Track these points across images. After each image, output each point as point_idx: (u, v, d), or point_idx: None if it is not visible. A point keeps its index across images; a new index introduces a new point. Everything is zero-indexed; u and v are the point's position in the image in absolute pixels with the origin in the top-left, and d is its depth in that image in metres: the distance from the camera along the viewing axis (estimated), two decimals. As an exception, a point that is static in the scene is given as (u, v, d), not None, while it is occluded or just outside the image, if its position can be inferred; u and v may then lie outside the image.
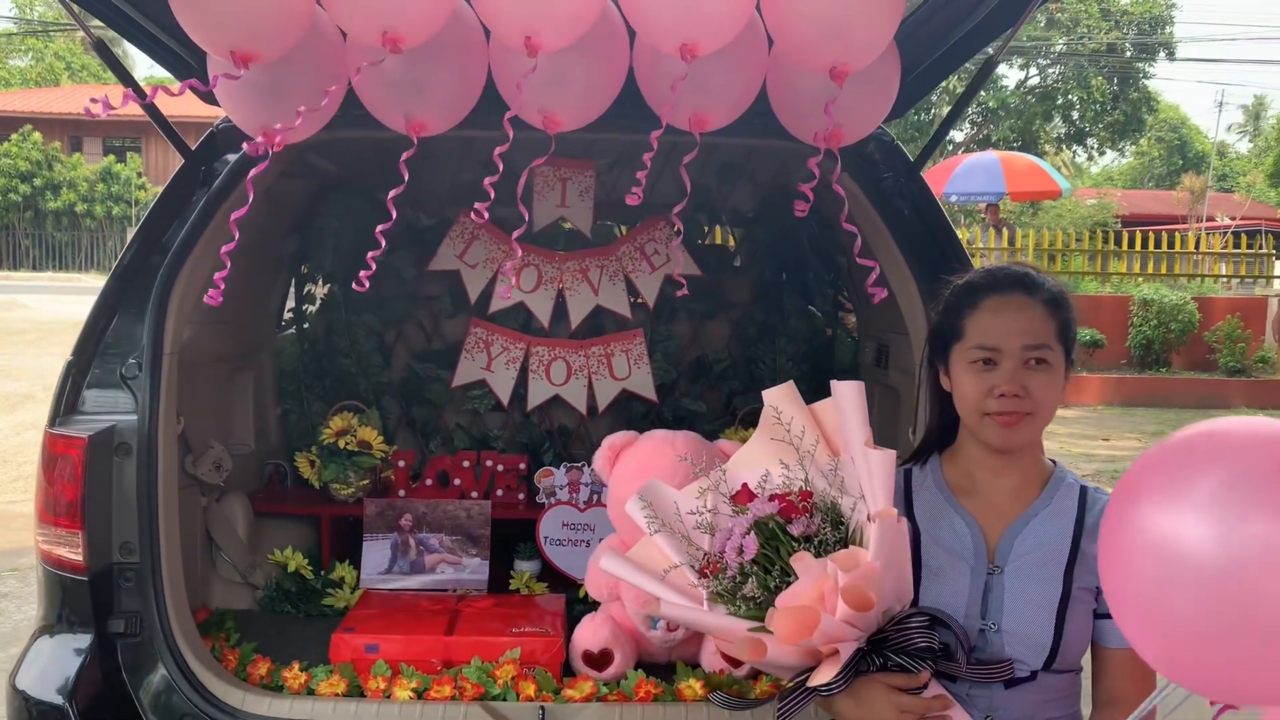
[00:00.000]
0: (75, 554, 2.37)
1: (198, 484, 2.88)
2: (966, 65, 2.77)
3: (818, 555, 1.72)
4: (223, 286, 2.18)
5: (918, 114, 22.31)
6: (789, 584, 1.64)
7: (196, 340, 2.75)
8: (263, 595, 3.09)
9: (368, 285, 2.16)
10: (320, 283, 3.71)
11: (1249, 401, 13.19)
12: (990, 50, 2.48)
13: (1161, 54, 26.07)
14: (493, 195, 2.01)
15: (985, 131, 26.83)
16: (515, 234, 2.13)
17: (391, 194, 2.15)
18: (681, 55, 1.97)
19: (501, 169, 3.58)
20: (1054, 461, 1.85)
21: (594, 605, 2.76)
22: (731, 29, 1.99)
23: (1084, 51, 25.82)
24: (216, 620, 2.80)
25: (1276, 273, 17.34)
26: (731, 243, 3.98)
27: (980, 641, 1.75)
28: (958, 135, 27.40)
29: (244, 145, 2.13)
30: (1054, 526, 1.75)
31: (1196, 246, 16.84)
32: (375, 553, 3.21)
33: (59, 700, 2.32)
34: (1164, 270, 16.12)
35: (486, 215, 2.04)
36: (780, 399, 1.84)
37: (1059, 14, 25.23)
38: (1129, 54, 26.31)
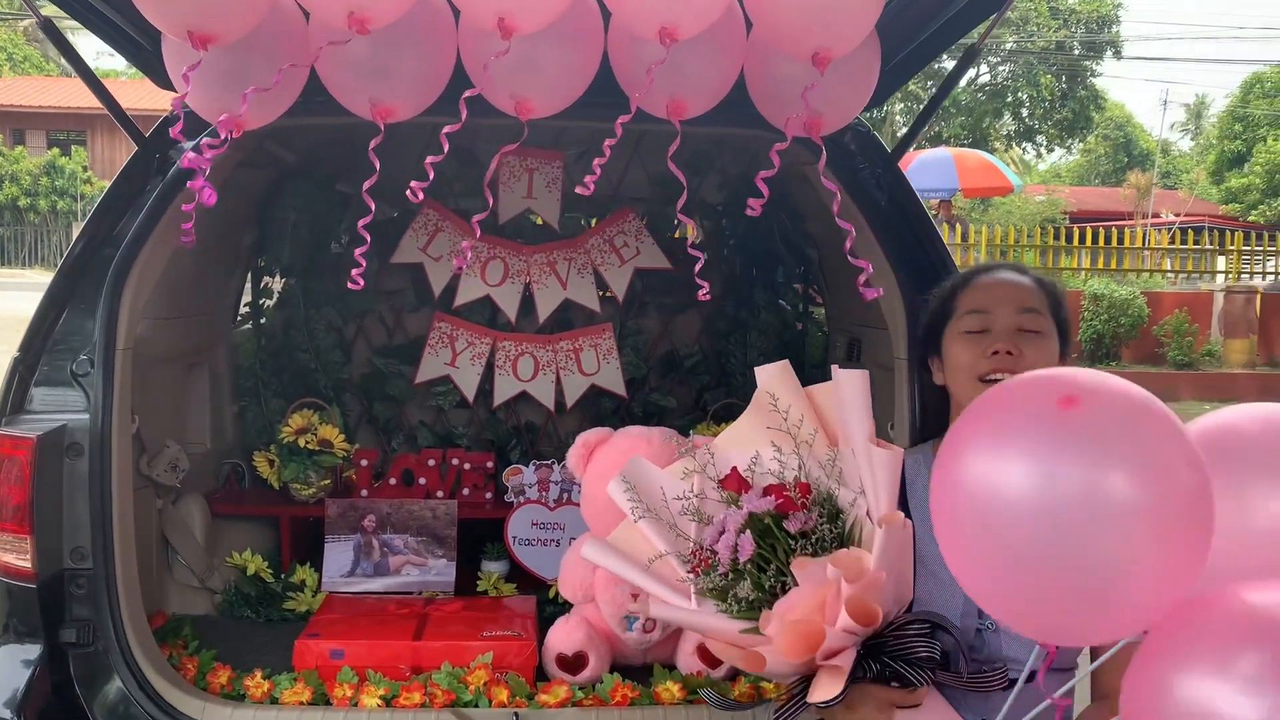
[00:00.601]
0: (23, 560, 2.25)
1: (153, 485, 2.77)
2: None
3: (815, 553, 1.67)
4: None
5: (868, 110, 22.45)
6: (784, 584, 1.59)
7: (150, 335, 2.64)
8: (221, 600, 2.99)
9: (361, 283, 2.06)
10: (278, 276, 3.60)
11: (1197, 394, 13.42)
12: (976, 34, 2.44)
13: (1109, 52, 26.48)
14: (431, 175, 1.93)
15: (937, 128, 27.09)
16: (477, 218, 2.05)
17: (366, 185, 2.06)
18: (660, 39, 1.91)
19: (466, 156, 3.52)
20: None
21: (565, 606, 2.69)
22: (713, 11, 1.93)
23: (1033, 49, 26.15)
24: (173, 627, 2.69)
25: (1220, 268, 17.67)
26: (698, 235, 3.92)
27: (978, 641, 1.72)
28: (911, 132, 27.55)
29: (185, 150, 2.01)
30: None
31: (1144, 242, 17.11)
32: (337, 555, 3.12)
33: (8, 714, 2.21)
34: (1112, 265, 16.37)
35: (421, 195, 1.96)
36: (775, 380, 1.78)
37: (1009, 11, 25.53)
38: (1077, 52, 26.69)
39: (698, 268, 2.12)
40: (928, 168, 15.36)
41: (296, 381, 3.52)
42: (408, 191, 2.11)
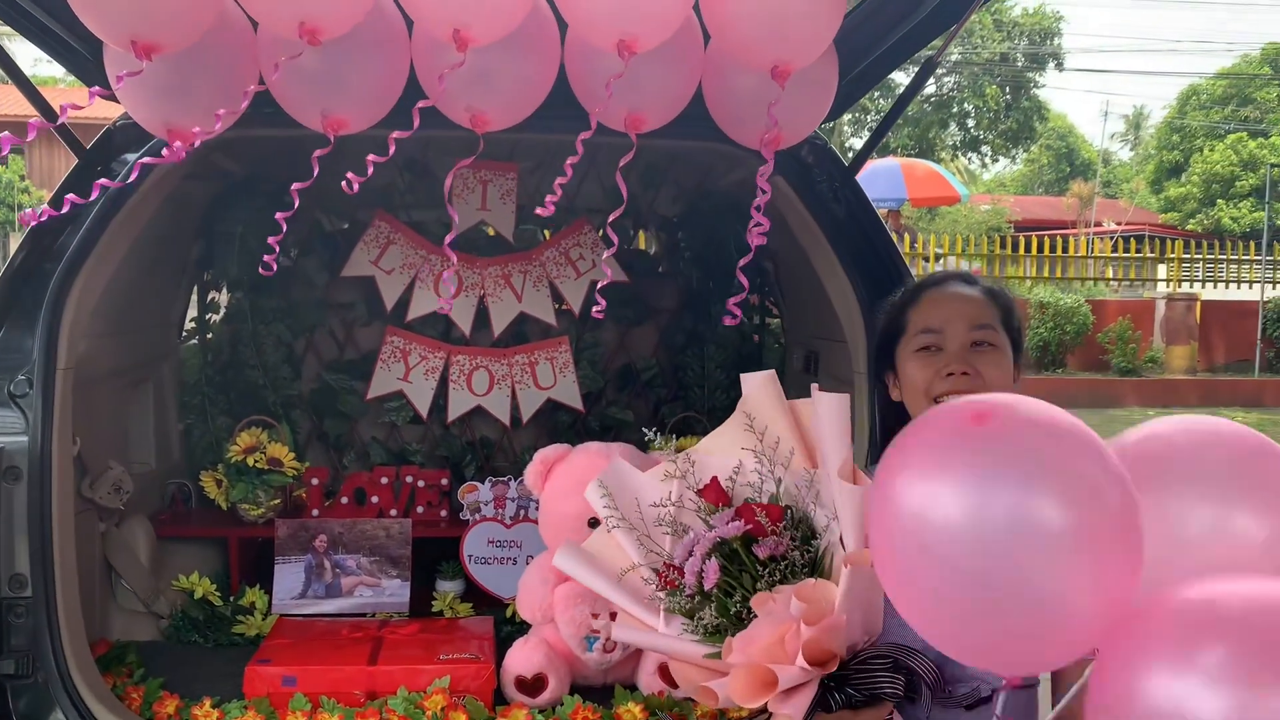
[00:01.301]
0: (-43, 590, 2.16)
1: (95, 508, 2.68)
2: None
3: (783, 579, 1.63)
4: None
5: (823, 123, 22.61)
6: (751, 611, 1.56)
7: (92, 353, 2.55)
8: (168, 625, 2.90)
9: (274, 269, 1.99)
10: (225, 290, 3.51)
11: (1141, 400, 13.69)
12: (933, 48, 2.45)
13: (1051, 64, 27.01)
14: (370, 171, 1.88)
15: (884, 139, 27.39)
16: (448, 239, 2.00)
17: (297, 186, 2.00)
18: (619, 51, 1.88)
19: (418, 168, 3.47)
20: None
21: (524, 627, 2.65)
22: (672, 23, 1.91)
23: (978, 61, 26.59)
24: (118, 654, 2.60)
25: (1161, 276, 18.06)
26: (655, 248, 3.91)
27: (941, 659, 1.70)
28: (858, 143, 27.92)
29: (162, 151, 1.94)
30: None
31: (1089, 250, 17.43)
32: (288, 576, 3.04)
33: (-59, 752, 2.12)
34: (1057, 274, 16.65)
35: (357, 187, 1.90)
36: (758, 389, 1.74)
37: (954, 25, 25.94)
38: (1020, 64, 27.19)
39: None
40: (876, 177, 15.51)
41: (244, 398, 3.44)
42: (343, 183, 2.04)
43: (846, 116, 26.83)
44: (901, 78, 27.76)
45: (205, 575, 3.01)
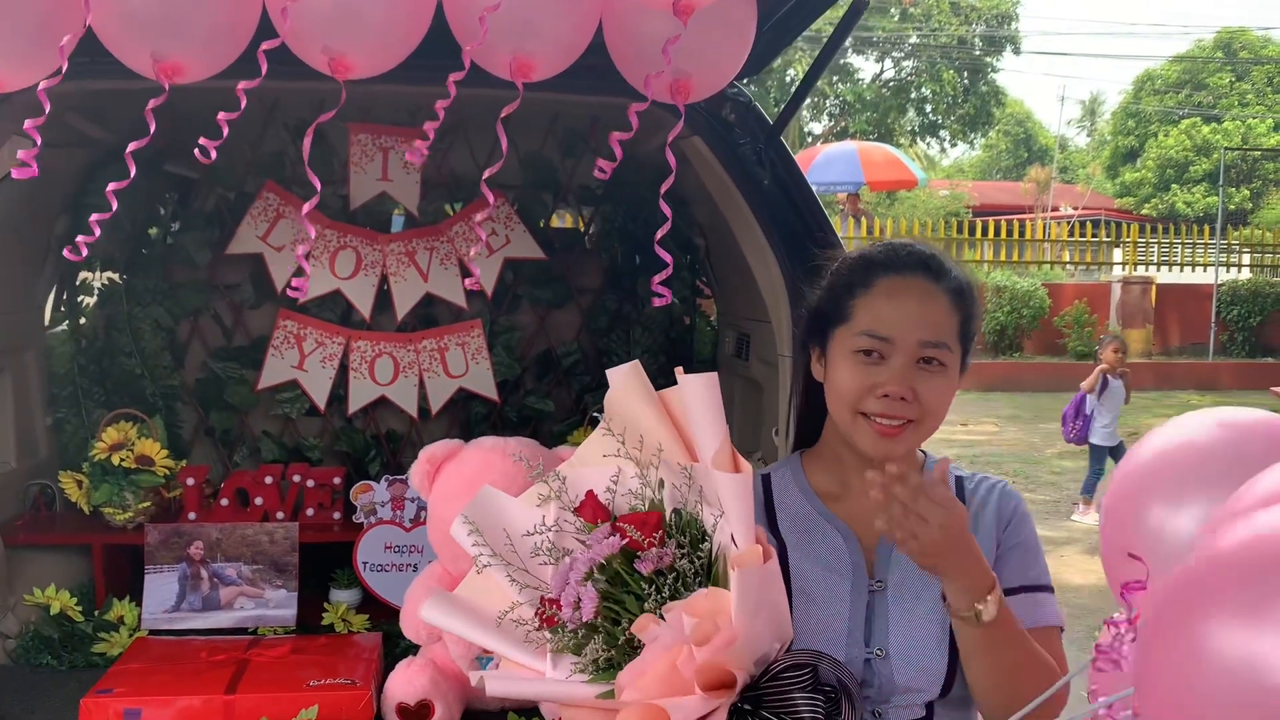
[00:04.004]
0: None
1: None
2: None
3: (674, 595, 1.37)
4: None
5: (755, 83, 22.31)
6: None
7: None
8: (17, 645, 2.58)
9: (97, 232, 1.66)
10: (98, 270, 3.17)
11: (1097, 384, 13.60)
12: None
13: (1008, 48, 26.95)
14: (226, 132, 1.59)
15: (843, 124, 27.25)
16: (307, 207, 1.70)
17: (133, 146, 1.69)
18: (496, -23, 1.59)
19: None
20: (923, 451, 1.56)
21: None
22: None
23: (935, 45, 26.47)
24: (-54, 683, 2.28)
25: (1117, 259, 18.04)
26: (580, 224, 3.61)
27: (867, 673, 1.44)
28: (816, 128, 27.74)
29: None
30: None
31: (1046, 235, 17.36)
32: (160, 588, 2.72)
33: None
34: (1015, 258, 16.56)
35: (214, 154, 1.61)
36: (620, 387, 1.46)
37: (912, 8, 25.82)
38: (978, 50, 27.11)
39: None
40: (833, 162, 15.37)
41: (120, 389, 3.11)
42: (196, 150, 1.75)
43: (806, 101, 26.60)
44: (859, 61, 27.67)
45: (65, 588, 2.69)
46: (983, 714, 1.41)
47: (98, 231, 1.64)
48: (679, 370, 1.31)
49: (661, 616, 1.31)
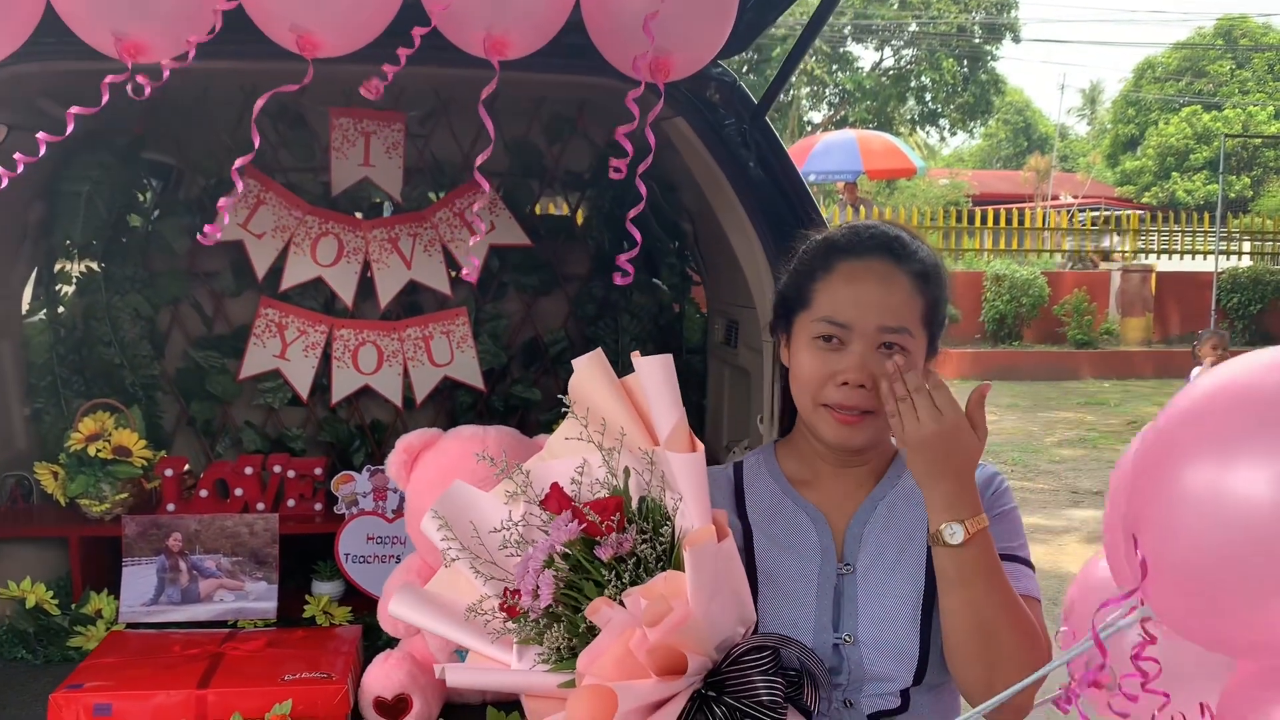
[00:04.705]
0: None
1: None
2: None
3: (634, 580, 1.34)
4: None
5: (741, 60, 22.17)
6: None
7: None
8: (-9, 640, 2.53)
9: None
10: (76, 259, 3.12)
11: (1095, 372, 13.58)
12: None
13: (1007, 36, 26.85)
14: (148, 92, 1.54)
15: (842, 113, 27.18)
16: (237, 163, 1.64)
17: (75, 110, 1.65)
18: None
19: (292, 119, 3.10)
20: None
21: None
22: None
23: (935, 33, 26.36)
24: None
25: (1117, 249, 17.97)
26: (566, 209, 3.55)
27: (835, 660, 1.40)
28: (816, 116, 27.67)
29: None
30: (907, 508, 1.44)
31: (1045, 223, 17.30)
32: (138, 580, 2.68)
33: None
34: (1014, 246, 16.49)
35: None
36: (583, 374, 1.43)
37: (910, -4, 25.74)
38: (977, 38, 27.00)
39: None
40: (832, 151, 15.29)
41: (100, 379, 3.06)
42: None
43: (805, 90, 26.51)
44: (859, 49, 27.55)
45: (42, 581, 2.64)
46: (958, 678, 1.36)
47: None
48: (635, 354, 1.28)
49: (622, 603, 1.28)
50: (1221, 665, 0.99)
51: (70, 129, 1.67)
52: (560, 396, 1.47)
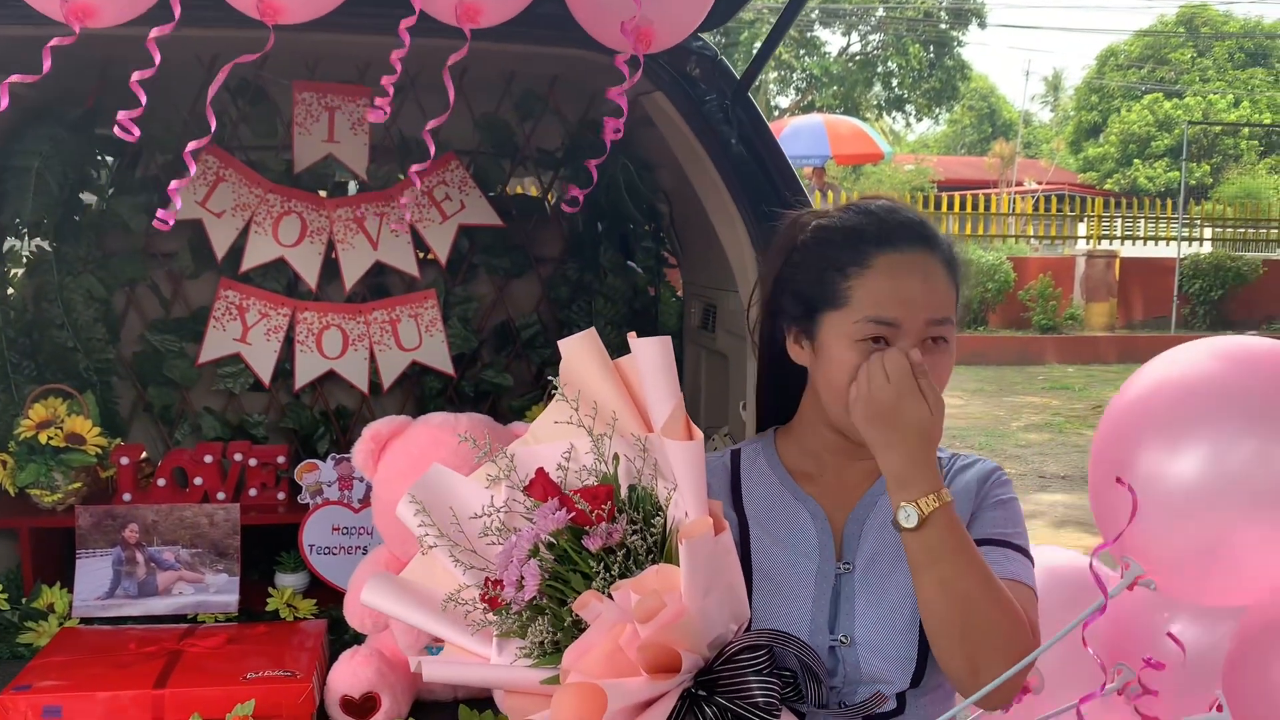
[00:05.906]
0: None
1: None
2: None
3: (624, 574, 1.27)
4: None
5: (720, 35, 22.10)
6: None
7: None
8: (-65, 637, 2.42)
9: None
10: (25, 238, 2.98)
11: (1060, 357, 13.69)
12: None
13: (973, 22, 26.95)
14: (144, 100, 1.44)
15: (809, 98, 27.15)
16: (190, 146, 1.55)
17: (15, 77, 1.54)
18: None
19: (252, 93, 2.98)
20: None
21: (366, 629, 2.23)
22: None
23: (901, 19, 26.40)
24: None
25: (1081, 234, 18.12)
26: (534, 191, 3.46)
27: (831, 661, 1.34)
28: (783, 101, 27.63)
29: None
30: None
31: (1012, 209, 17.40)
32: (92, 573, 2.57)
33: None
34: (980, 232, 16.57)
35: (136, 131, 1.47)
36: (574, 355, 1.34)
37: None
38: (944, 24, 27.08)
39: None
40: (800, 135, 15.25)
41: (52, 363, 2.93)
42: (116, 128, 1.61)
43: (772, 74, 26.43)
44: (825, 34, 27.53)
45: (-10, 574, 2.53)
46: (942, 665, 1.30)
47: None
48: (632, 335, 1.20)
49: (610, 596, 1.21)
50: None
51: (5, 101, 1.55)
52: (550, 379, 1.39)
